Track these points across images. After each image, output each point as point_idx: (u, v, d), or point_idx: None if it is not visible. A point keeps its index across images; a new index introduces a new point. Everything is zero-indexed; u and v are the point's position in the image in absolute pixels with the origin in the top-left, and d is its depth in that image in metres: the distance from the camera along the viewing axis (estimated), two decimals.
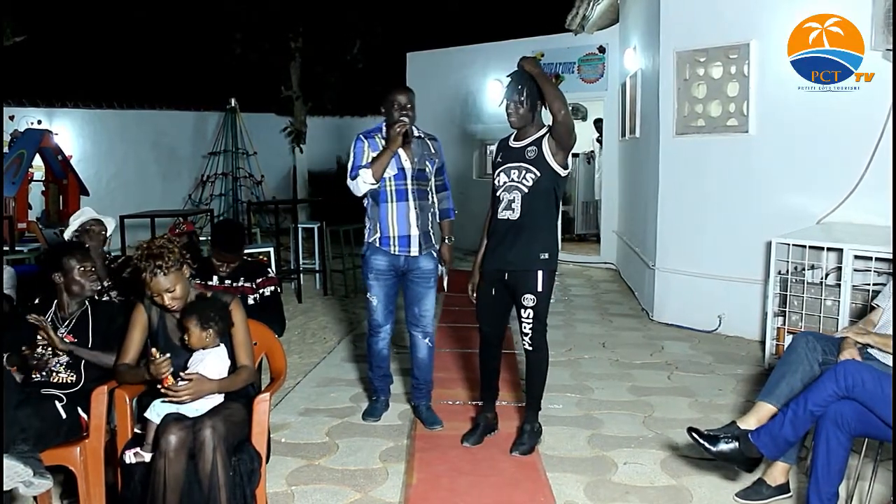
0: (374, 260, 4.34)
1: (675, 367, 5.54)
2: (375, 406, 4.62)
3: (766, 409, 3.41)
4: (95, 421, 3.22)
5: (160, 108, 13.99)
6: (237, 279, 4.31)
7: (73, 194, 10.01)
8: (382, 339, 4.53)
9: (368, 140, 4.29)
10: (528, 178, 3.86)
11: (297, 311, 7.61)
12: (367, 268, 4.38)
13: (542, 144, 3.86)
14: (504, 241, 3.92)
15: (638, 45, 8.34)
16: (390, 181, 4.24)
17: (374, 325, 4.48)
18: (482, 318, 4.13)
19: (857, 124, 5.59)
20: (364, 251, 4.41)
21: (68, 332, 3.45)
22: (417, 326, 4.47)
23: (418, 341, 4.49)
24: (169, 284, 3.08)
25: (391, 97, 4.24)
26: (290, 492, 3.61)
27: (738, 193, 6.30)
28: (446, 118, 11.70)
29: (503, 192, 3.94)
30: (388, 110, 4.24)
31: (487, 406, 4.26)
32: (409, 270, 4.36)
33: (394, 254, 4.29)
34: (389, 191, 4.25)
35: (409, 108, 4.23)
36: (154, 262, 3.06)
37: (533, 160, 3.87)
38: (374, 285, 4.37)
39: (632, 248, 8.52)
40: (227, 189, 14.20)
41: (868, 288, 4.90)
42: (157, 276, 3.06)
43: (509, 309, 4.06)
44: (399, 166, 4.24)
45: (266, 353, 3.57)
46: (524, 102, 3.84)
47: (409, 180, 4.26)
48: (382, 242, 4.30)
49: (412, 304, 4.44)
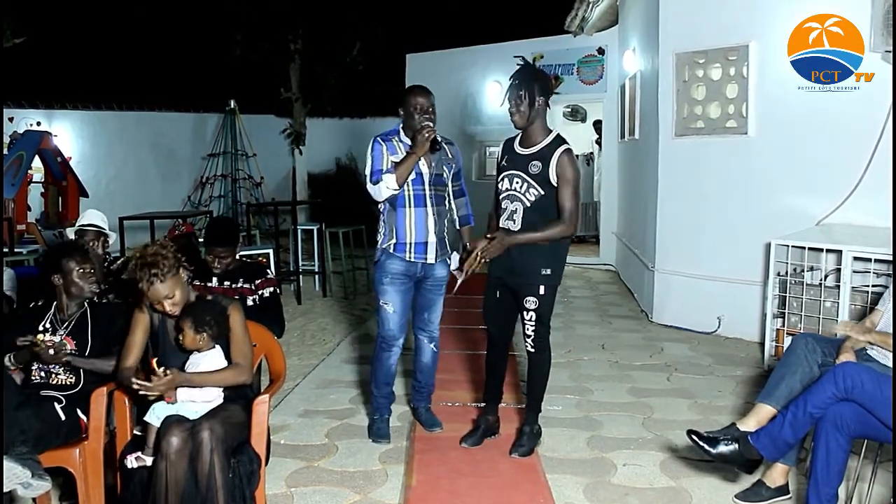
0: (389, 264, 4.14)
1: (674, 369, 5.54)
2: (381, 426, 4.34)
3: (765, 411, 3.41)
4: (95, 423, 3.22)
5: (159, 110, 13.99)
6: (236, 280, 4.29)
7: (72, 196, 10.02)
8: (395, 353, 4.32)
9: (386, 143, 4.14)
10: (530, 194, 3.82)
11: (296, 312, 7.60)
12: (382, 272, 4.16)
13: (550, 166, 3.78)
14: (505, 251, 3.85)
15: (637, 46, 8.35)
16: (408, 186, 4.09)
17: (389, 338, 4.25)
18: (488, 319, 4.12)
19: (856, 125, 5.59)
20: (378, 257, 4.19)
21: (67, 334, 3.44)
22: (425, 331, 4.39)
23: (424, 345, 4.42)
24: (167, 291, 3.07)
25: (412, 99, 4.07)
26: (290, 493, 3.61)
27: (738, 195, 6.30)
28: (446, 120, 11.54)
29: (506, 199, 3.90)
30: (409, 112, 4.08)
31: (490, 408, 4.24)
32: (425, 278, 4.23)
33: (409, 260, 4.14)
34: (407, 196, 4.10)
35: (430, 111, 4.08)
36: (149, 270, 3.04)
37: (536, 176, 3.80)
38: (390, 290, 4.16)
39: (631, 250, 8.52)
40: (226, 191, 14.21)
41: (867, 289, 4.90)
42: (154, 284, 3.05)
43: (515, 311, 4.03)
44: (417, 171, 4.09)
45: (265, 354, 3.57)
46: (525, 102, 3.79)
47: (427, 185, 4.12)
48: (398, 249, 4.12)
49: (423, 311, 4.34)
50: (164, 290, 3.06)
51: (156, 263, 3.05)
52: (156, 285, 3.04)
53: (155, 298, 3.07)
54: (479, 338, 4.21)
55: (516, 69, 3.89)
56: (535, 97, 3.80)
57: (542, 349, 3.96)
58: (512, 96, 3.84)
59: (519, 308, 3.94)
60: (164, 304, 3.09)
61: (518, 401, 4.77)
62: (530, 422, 4.07)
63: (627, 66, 8.89)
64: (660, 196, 6.93)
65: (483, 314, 4.14)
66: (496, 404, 4.26)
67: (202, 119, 14.55)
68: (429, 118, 4.04)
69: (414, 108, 4.06)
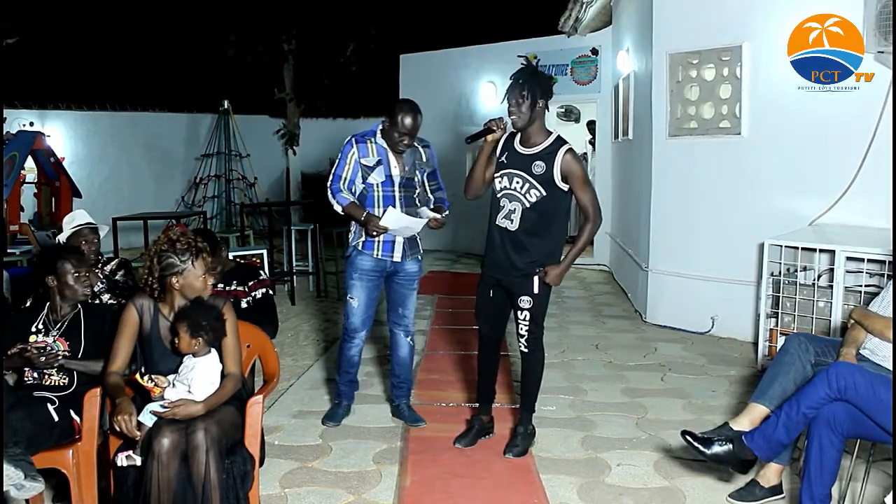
0: (359, 260, 4.33)
1: (668, 369, 5.55)
2: (337, 411, 4.57)
3: (758, 410, 3.42)
4: (88, 424, 3.20)
5: (153, 111, 13.95)
6: (230, 282, 4.29)
7: (65, 196, 9.96)
8: (356, 345, 4.50)
9: (359, 144, 4.26)
10: (531, 194, 3.80)
11: (290, 313, 7.59)
12: (352, 268, 4.35)
13: (554, 167, 3.78)
14: (501, 250, 3.88)
15: (631, 47, 8.36)
16: (378, 188, 4.24)
17: (351, 329, 4.44)
18: (481, 318, 4.12)
19: (852, 125, 5.59)
20: (349, 252, 4.40)
21: (60, 335, 3.43)
22: (399, 325, 4.50)
23: (400, 339, 4.52)
24: (205, 269, 3.14)
25: (401, 117, 4.12)
26: (284, 494, 3.60)
27: (731, 195, 6.31)
28: (440, 120, 11.68)
29: (503, 197, 3.88)
30: (393, 124, 4.14)
31: (484, 409, 4.24)
32: (395, 273, 4.37)
33: (378, 257, 4.30)
34: (376, 197, 4.25)
35: (413, 133, 4.17)
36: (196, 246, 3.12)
37: (540, 177, 3.79)
38: (357, 286, 4.35)
39: (625, 250, 8.53)
40: (220, 191, 14.20)
41: (860, 289, 4.92)
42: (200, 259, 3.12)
43: (508, 311, 4.05)
44: (387, 174, 4.23)
45: (259, 355, 3.56)
46: (527, 103, 3.74)
47: (397, 188, 4.26)
48: (366, 246, 4.30)
49: (396, 306, 4.47)
50: (201, 268, 3.13)
51: (191, 244, 3.11)
52: (199, 262, 3.11)
53: (201, 271, 3.11)
54: (473, 338, 4.22)
55: (519, 69, 3.84)
56: (536, 99, 3.76)
57: (536, 349, 3.96)
58: (513, 96, 3.78)
59: (513, 307, 3.94)
60: (208, 279, 3.14)
61: (512, 401, 4.78)
62: (524, 422, 4.07)
63: (621, 67, 8.90)
64: (653, 196, 6.94)
65: (475, 313, 4.15)
66: (490, 404, 4.26)
67: (196, 119, 14.52)
68: (407, 143, 4.18)
69: (399, 125, 4.13)
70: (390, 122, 4.17)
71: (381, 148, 4.25)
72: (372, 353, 5.87)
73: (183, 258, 3.08)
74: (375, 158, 4.24)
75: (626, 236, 8.68)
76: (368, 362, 5.67)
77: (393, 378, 4.63)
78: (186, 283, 3.10)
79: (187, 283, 3.10)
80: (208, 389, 3.02)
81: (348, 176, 4.26)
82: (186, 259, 3.08)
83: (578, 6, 9.55)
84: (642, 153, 7.39)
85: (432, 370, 5.57)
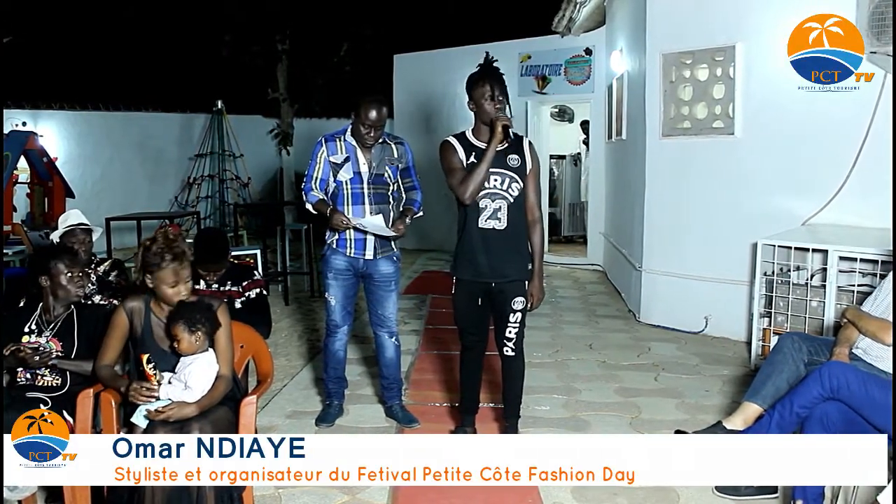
0: (333, 260, 4.34)
1: (661, 369, 5.56)
2: (329, 412, 4.55)
3: (752, 409, 3.44)
4: (81, 424, 3.19)
5: (146, 111, 13.92)
6: (224, 283, 4.31)
7: (58, 197, 9.94)
8: (339, 339, 4.51)
9: (329, 144, 4.29)
10: (514, 188, 3.79)
11: (284, 313, 7.58)
12: (327, 267, 4.37)
13: (525, 156, 3.81)
14: (493, 251, 3.79)
15: (624, 47, 8.37)
16: (347, 185, 4.23)
17: (332, 326, 4.48)
18: (469, 328, 4.01)
19: (846, 126, 5.57)
20: (324, 251, 4.41)
21: (53, 336, 3.43)
22: (382, 327, 4.49)
23: (384, 341, 4.51)
24: (186, 275, 3.12)
25: (363, 108, 4.13)
26: (278, 494, 3.59)
27: (724, 195, 6.32)
28: (433, 120, 11.71)
29: (485, 198, 3.77)
30: (359, 121, 4.16)
31: (468, 420, 4.19)
32: (369, 274, 4.35)
33: (351, 255, 4.29)
34: (346, 194, 4.25)
35: (380, 126, 4.18)
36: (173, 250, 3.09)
37: (517, 169, 3.79)
38: (333, 284, 4.37)
39: (618, 250, 8.54)
40: (213, 191, 14.16)
41: (853, 289, 4.93)
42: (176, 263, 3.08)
43: (490, 316, 3.99)
44: (356, 170, 4.22)
45: (253, 355, 3.56)
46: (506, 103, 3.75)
47: (366, 184, 4.23)
48: (339, 244, 4.31)
49: (375, 308, 4.46)
50: (185, 273, 3.10)
51: (180, 247, 3.09)
52: (176, 265, 3.07)
53: (172, 279, 3.07)
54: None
55: (488, 63, 3.80)
56: (507, 97, 3.78)
57: (520, 351, 3.95)
58: (500, 93, 3.73)
59: (502, 311, 3.88)
60: (180, 288, 3.09)
61: (495, 400, 4.72)
62: (513, 427, 4.05)
63: (615, 67, 8.90)
64: (647, 196, 6.95)
65: (459, 325, 4.04)
66: (474, 415, 4.21)
67: (189, 119, 14.48)
68: (373, 136, 4.18)
69: (363, 118, 4.14)
70: (356, 117, 4.18)
71: (350, 145, 4.25)
72: (363, 354, 5.85)
73: (155, 261, 3.07)
74: (343, 155, 4.23)
75: (619, 236, 8.69)
76: (360, 363, 5.66)
77: (382, 380, 4.62)
78: (157, 287, 3.10)
79: (157, 288, 3.10)
80: (205, 386, 3.03)
81: (319, 175, 4.28)
82: (158, 263, 3.06)
83: (572, 6, 9.55)
84: (636, 153, 7.40)
85: (426, 370, 5.56)
